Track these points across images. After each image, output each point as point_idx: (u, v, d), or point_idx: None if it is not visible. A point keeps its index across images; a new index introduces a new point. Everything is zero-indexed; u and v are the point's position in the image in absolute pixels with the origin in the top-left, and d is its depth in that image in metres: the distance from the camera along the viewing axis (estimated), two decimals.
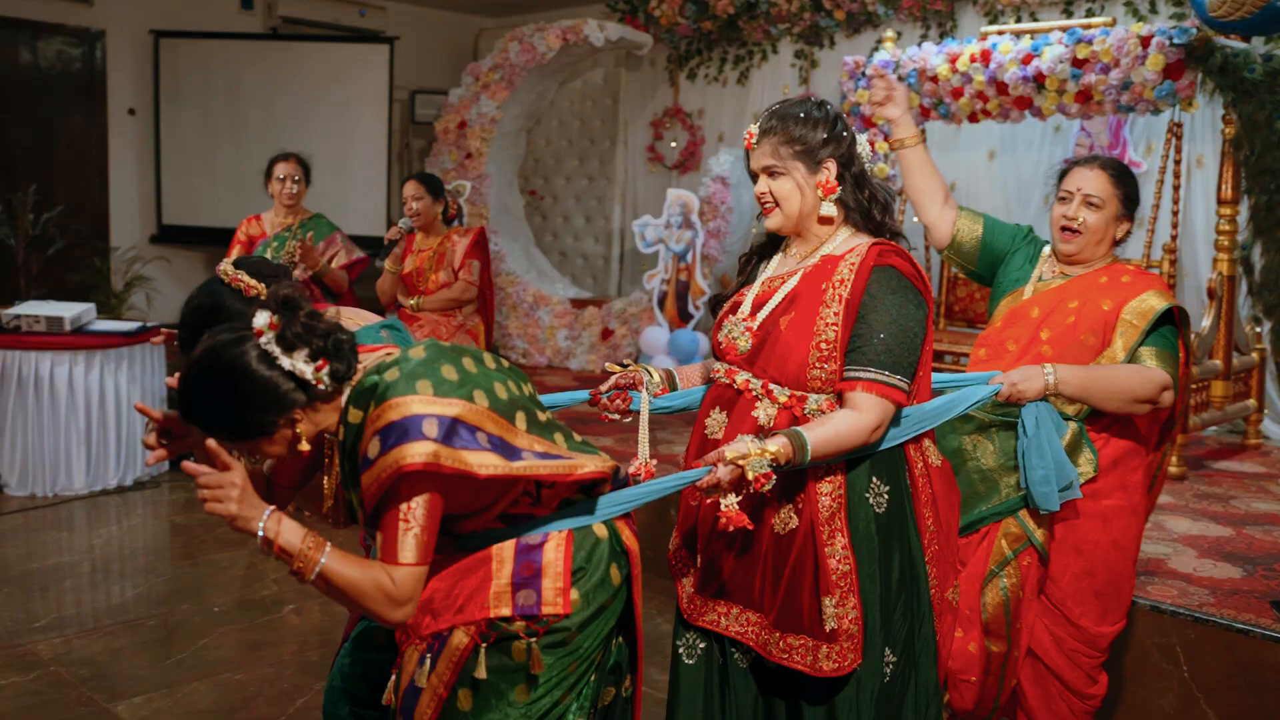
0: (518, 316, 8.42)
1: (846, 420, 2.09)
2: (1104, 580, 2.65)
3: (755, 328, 2.22)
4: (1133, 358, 2.60)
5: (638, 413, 2.37)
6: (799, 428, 2.07)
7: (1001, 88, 5.77)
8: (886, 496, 2.18)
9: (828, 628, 2.12)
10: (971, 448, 2.67)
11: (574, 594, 1.88)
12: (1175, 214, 5.52)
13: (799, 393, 2.16)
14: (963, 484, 2.67)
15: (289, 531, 1.70)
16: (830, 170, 2.20)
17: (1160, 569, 3.65)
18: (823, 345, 2.12)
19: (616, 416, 2.40)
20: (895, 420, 2.18)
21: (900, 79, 6.25)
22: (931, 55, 6.12)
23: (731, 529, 2.02)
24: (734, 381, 2.23)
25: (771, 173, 2.22)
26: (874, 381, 2.09)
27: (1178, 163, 5.50)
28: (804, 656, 2.15)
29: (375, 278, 5.20)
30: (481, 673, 1.83)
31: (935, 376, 2.45)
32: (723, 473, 1.99)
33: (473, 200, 8.44)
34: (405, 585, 1.73)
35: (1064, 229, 2.72)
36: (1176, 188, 5.52)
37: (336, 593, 1.73)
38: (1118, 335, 2.61)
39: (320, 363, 1.73)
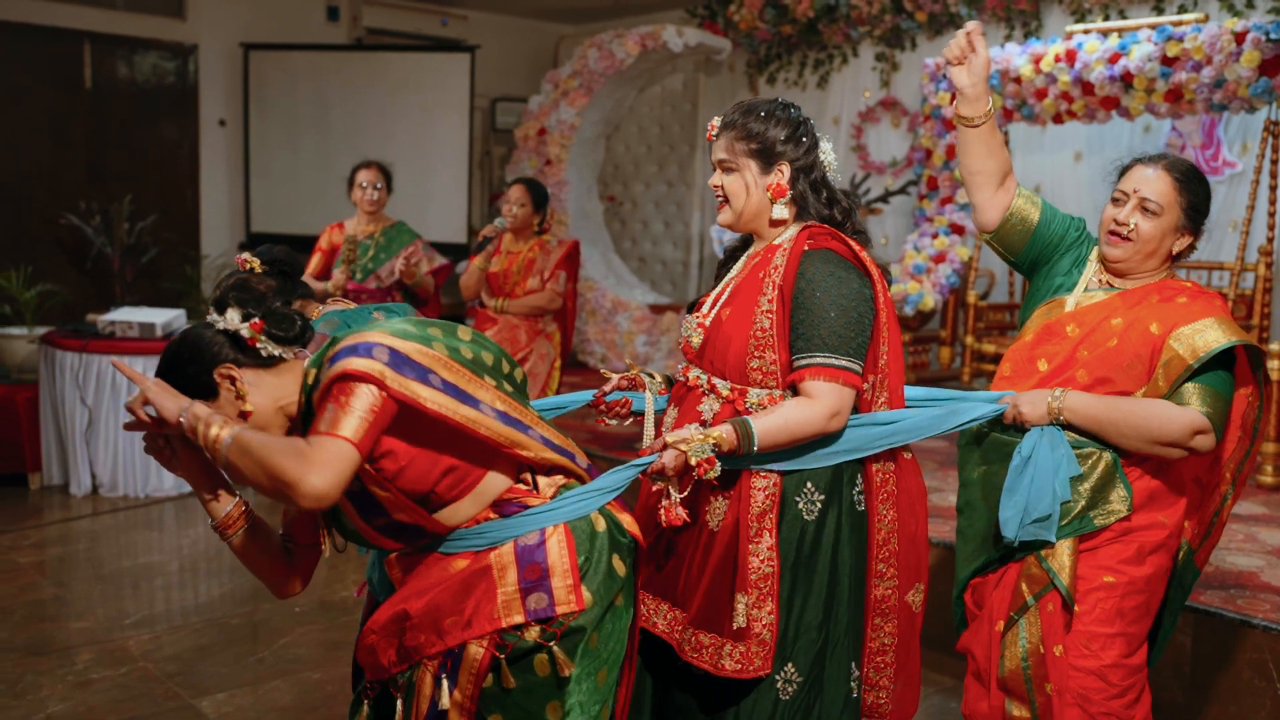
0: (596, 322, 8.46)
1: (796, 408, 2.03)
2: (1132, 619, 2.34)
3: (707, 324, 2.21)
4: (1175, 394, 2.26)
5: (636, 415, 2.37)
6: (746, 416, 2.04)
7: (1087, 88, 5.65)
8: (819, 507, 2.12)
9: (736, 624, 2.08)
10: (994, 476, 2.42)
11: (584, 589, 1.84)
12: (1272, 215, 5.35)
13: (740, 386, 2.13)
14: (980, 521, 2.46)
15: (208, 410, 1.71)
16: (783, 173, 2.16)
17: (1253, 583, 3.53)
18: (759, 334, 2.10)
19: (615, 422, 2.39)
20: (883, 423, 2.11)
21: None
22: (1015, 56, 6.02)
23: (667, 525, 2.02)
24: (687, 378, 2.24)
25: (725, 168, 2.21)
26: (822, 366, 2.03)
27: (1274, 162, 5.33)
28: (711, 656, 2.12)
29: (455, 283, 5.25)
30: (510, 681, 1.81)
31: (940, 392, 2.36)
32: (667, 458, 1.98)
33: (552, 207, 8.49)
34: (327, 449, 1.64)
35: (1112, 233, 2.40)
36: (1274, 188, 5.35)
37: (249, 463, 1.65)
38: (1161, 365, 2.27)
39: (255, 323, 1.78)
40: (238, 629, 4.11)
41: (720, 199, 2.23)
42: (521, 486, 1.89)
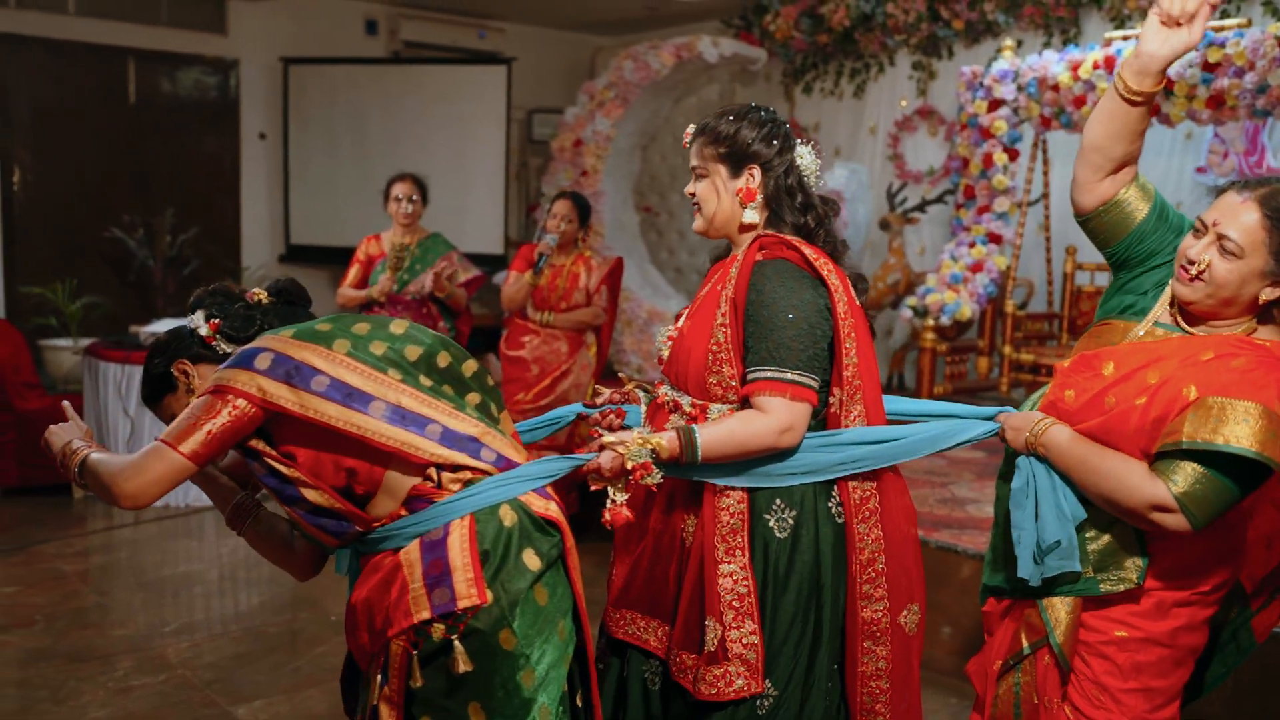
0: (632, 332, 8.46)
1: (743, 420, 1.98)
2: (1155, 672, 2.06)
3: (676, 337, 2.19)
4: (1163, 461, 1.90)
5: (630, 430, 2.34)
6: (692, 425, 2.01)
7: None
8: (791, 524, 2.05)
9: (708, 649, 2.03)
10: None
11: (485, 584, 1.85)
12: None
13: (701, 402, 2.09)
14: (998, 539, 2.24)
15: (82, 444, 1.92)
16: (753, 177, 2.11)
17: None
18: (715, 348, 2.06)
19: (610, 434, 2.35)
20: (846, 444, 2.03)
21: (1020, 89, 6.12)
22: (1053, 63, 5.97)
23: (612, 526, 1.99)
24: (658, 394, 2.21)
25: (697, 174, 2.18)
26: (771, 380, 1.97)
27: None
28: (691, 678, 2.08)
29: (490, 294, 5.28)
30: (418, 679, 1.84)
31: (932, 405, 2.27)
32: (604, 458, 1.96)
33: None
34: (146, 457, 1.79)
35: (1182, 268, 2.01)
36: None
37: (91, 478, 1.85)
38: (1163, 435, 1.89)
39: (213, 322, 1.96)
40: (275, 637, 4.14)
41: (695, 206, 2.19)
42: (428, 484, 1.91)
